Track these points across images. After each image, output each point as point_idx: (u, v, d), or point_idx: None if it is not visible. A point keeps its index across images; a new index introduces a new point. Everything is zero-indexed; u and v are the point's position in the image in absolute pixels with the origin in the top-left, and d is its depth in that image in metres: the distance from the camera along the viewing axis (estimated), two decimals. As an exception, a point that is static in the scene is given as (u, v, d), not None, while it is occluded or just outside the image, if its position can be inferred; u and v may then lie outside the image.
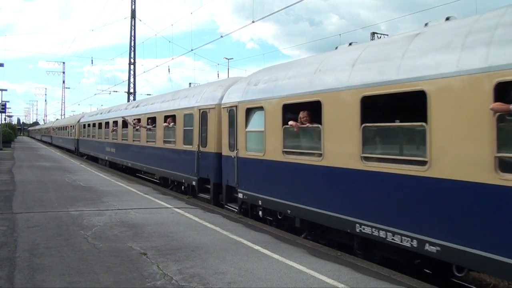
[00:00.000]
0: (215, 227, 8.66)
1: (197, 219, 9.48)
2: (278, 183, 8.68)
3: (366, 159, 6.44)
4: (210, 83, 14.21)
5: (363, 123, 6.40)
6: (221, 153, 11.15)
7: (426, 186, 5.53)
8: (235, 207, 10.57)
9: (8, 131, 51.30)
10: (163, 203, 11.60)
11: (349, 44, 8.00)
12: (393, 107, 6.41)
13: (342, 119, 6.85)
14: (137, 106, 19.93)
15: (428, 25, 6.33)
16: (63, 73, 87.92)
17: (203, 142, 12.24)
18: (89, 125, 30.01)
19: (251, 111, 9.70)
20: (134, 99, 37.23)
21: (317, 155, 7.50)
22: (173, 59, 50.26)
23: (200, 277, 5.54)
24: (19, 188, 13.42)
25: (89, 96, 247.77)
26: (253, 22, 18.76)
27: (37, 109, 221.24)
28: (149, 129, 16.62)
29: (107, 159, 23.96)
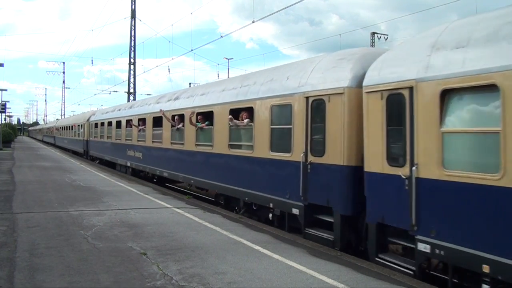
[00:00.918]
0: (215, 227, 8.65)
1: (197, 219, 9.48)
2: None
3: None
4: (312, 59, 9.30)
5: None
6: (359, 167, 7.12)
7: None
8: (408, 266, 6.16)
9: (8, 131, 51.35)
10: (163, 203, 11.59)
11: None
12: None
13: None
14: (176, 98, 15.18)
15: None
16: (63, 73, 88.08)
17: (317, 148, 7.96)
18: (102, 123, 25.29)
19: (454, 95, 5.51)
20: (134, 99, 37.11)
21: None
22: (173, 59, 50.30)
23: (200, 277, 5.54)
24: (19, 188, 13.41)
25: (89, 96, 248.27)
26: (253, 22, 18.79)
27: (37, 109, 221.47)
28: (200, 129, 12.65)
29: (129, 165, 19.50)
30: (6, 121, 70.40)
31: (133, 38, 37.32)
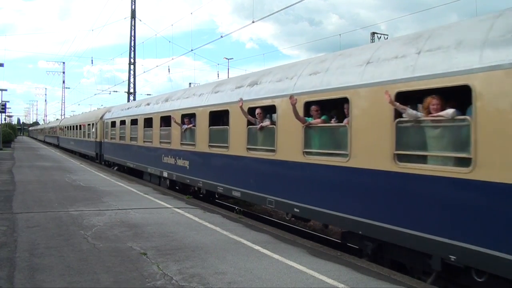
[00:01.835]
0: (215, 227, 8.65)
1: (197, 219, 9.48)
2: None
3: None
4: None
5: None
6: None
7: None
8: None
9: (8, 131, 51.39)
10: (163, 203, 11.59)
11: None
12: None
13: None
14: (257, 83, 9.97)
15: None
16: (63, 73, 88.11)
17: None
18: (123, 122, 20.56)
19: None
20: (134, 99, 36.97)
21: None
22: (173, 59, 50.39)
23: (200, 277, 5.54)
24: (19, 188, 13.41)
25: (89, 96, 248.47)
26: (253, 22, 18.74)
27: (37, 109, 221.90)
28: (315, 129, 7.93)
29: (165, 175, 14.71)
30: (6, 121, 70.49)
31: (133, 38, 37.30)
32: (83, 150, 31.54)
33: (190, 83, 48.02)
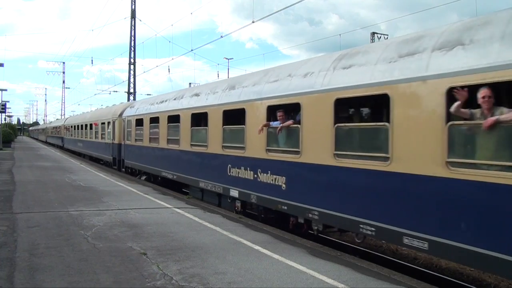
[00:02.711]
0: (215, 227, 8.65)
1: (197, 219, 9.48)
2: None
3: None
4: None
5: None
6: None
7: None
8: None
9: (8, 131, 51.37)
10: (163, 203, 11.59)
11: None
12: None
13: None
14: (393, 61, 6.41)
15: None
16: (63, 73, 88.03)
17: None
18: (154, 119, 16.01)
19: None
20: (134, 99, 36.86)
21: None
22: (173, 59, 50.14)
23: (200, 277, 5.54)
24: (19, 188, 13.41)
25: (89, 96, 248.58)
26: (253, 22, 18.73)
27: (37, 109, 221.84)
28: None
29: (236, 195, 10.25)
30: (6, 121, 70.47)
31: (133, 38, 37.28)
32: (95, 153, 26.85)
33: (190, 83, 48.11)
